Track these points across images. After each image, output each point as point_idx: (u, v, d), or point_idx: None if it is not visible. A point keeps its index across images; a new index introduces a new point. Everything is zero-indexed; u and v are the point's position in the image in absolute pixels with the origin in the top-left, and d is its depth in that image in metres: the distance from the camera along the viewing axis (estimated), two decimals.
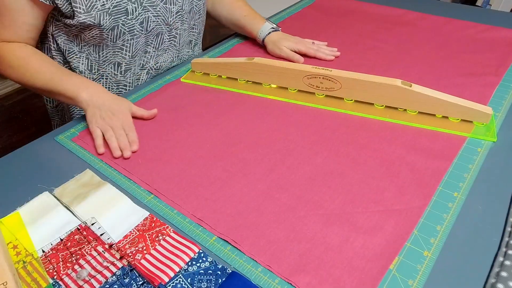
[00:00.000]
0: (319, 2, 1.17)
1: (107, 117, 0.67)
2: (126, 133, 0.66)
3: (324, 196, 0.55)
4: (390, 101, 0.70)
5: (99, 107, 0.67)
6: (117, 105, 0.68)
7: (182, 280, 0.45)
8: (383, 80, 0.68)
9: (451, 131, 0.65)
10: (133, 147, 0.64)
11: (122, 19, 0.73)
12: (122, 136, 0.65)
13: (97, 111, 0.67)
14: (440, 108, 0.67)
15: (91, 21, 0.70)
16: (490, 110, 0.65)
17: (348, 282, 0.44)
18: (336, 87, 0.72)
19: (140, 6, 0.74)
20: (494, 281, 0.43)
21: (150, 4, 0.75)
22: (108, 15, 0.71)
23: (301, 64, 0.75)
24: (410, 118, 0.68)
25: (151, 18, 0.77)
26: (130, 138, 0.65)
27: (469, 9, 1.10)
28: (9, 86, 2.18)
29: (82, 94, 0.68)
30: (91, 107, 0.68)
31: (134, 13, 0.74)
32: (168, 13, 0.79)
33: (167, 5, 0.78)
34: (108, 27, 0.72)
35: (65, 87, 0.69)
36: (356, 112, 0.70)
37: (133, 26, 0.75)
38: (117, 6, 0.71)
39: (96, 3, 0.69)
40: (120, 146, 0.64)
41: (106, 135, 0.65)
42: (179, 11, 0.81)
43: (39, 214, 0.53)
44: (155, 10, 0.77)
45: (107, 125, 0.66)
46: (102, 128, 0.66)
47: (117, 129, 0.66)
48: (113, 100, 0.69)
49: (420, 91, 0.66)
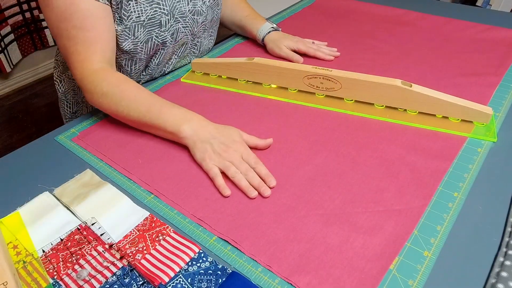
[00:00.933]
0: (319, 2, 1.17)
1: (222, 151, 0.58)
2: (253, 167, 0.57)
3: (324, 196, 0.55)
4: (390, 101, 0.70)
5: (208, 141, 0.59)
6: (228, 135, 0.60)
7: (182, 280, 0.45)
8: (383, 80, 0.68)
9: (451, 131, 0.65)
10: (271, 182, 0.56)
11: (155, 31, 0.72)
12: (250, 172, 0.56)
13: (208, 146, 0.59)
14: (440, 108, 0.67)
15: (126, 32, 0.69)
16: (490, 110, 0.65)
17: (348, 282, 0.44)
18: (336, 87, 0.72)
19: (172, 18, 0.74)
20: (494, 281, 0.43)
21: (180, 15, 0.75)
22: (142, 27, 0.70)
23: (301, 64, 0.75)
24: (410, 118, 0.68)
25: (180, 29, 0.77)
26: (262, 172, 0.57)
27: (469, 9, 1.10)
28: (9, 86, 2.18)
29: (185, 129, 0.60)
30: (198, 143, 0.59)
31: (167, 25, 0.73)
32: (195, 24, 0.80)
33: (195, 16, 0.78)
34: (142, 40, 0.72)
35: (164, 120, 0.61)
36: (356, 112, 0.70)
37: (165, 38, 0.75)
38: (152, 19, 0.71)
39: (132, 15, 0.68)
40: (254, 185, 0.55)
41: (229, 173, 0.56)
42: (204, 21, 0.82)
43: (39, 214, 0.53)
44: (184, 21, 0.77)
45: (225, 161, 0.57)
46: (220, 166, 0.57)
47: (240, 164, 0.57)
48: (222, 131, 0.60)
49: (420, 91, 0.66)
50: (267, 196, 0.54)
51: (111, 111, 0.66)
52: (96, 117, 0.72)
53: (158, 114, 0.62)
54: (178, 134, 0.61)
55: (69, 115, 0.92)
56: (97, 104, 0.67)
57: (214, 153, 0.58)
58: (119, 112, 0.65)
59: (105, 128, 0.69)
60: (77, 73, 0.67)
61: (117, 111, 0.65)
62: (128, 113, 0.64)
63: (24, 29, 2.10)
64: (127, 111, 0.64)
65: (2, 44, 2.01)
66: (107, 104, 0.65)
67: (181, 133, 0.60)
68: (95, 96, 0.66)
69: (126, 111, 0.64)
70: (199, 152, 0.59)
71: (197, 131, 0.60)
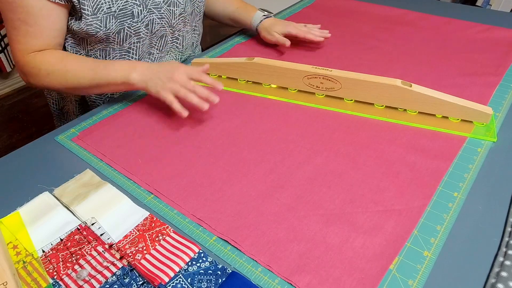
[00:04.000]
0: (319, 2, 1.17)
1: (168, 80, 0.66)
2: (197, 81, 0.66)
3: (324, 196, 0.55)
4: (390, 101, 0.70)
5: (155, 76, 0.67)
6: (169, 66, 0.67)
7: (182, 280, 0.45)
8: (383, 80, 0.68)
9: (451, 131, 0.65)
10: (218, 86, 0.65)
11: (128, 22, 0.73)
12: (197, 87, 0.65)
13: (157, 80, 0.66)
14: (440, 108, 0.67)
15: (98, 25, 0.70)
16: (490, 110, 0.65)
17: (348, 282, 0.44)
18: (336, 87, 0.72)
19: (145, 8, 0.74)
20: (494, 281, 0.43)
21: (154, 6, 0.75)
22: (114, 18, 0.71)
23: (301, 64, 0.75)
24: (410, 118, 0.68)
25: (155, 20, 0.77)
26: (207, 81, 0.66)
27: (469, 9, 1.10)
28: (9, 86, 2.18)
29: (134, 76, 0.67)
30: (148, 82, 0.67)
31: (140, 16, 0.74)
32: (172, 15, 0.80)
33: (170, 7, 0.78)
34: (114, 31, 0.72)
35: (113, 76, 0.68)
36: (356, 112, 0.70)
37: (139, 29, 0.75)
38: (123, 10, 0.71)
39: (102, 6, 0.69)
40: (202, 97, 0.64)
41: (180, 94, 0.65)
42: (182, 13, 0.82)
43: (39, 214, 0.53)
44: (159, 12, 0.77)
45: (175, 85, 0.65)
46: (172, 91, 0.65)
47: (187, 83, 0.65)
48: (164, 65, 0.68)
49: (420, 91, 0.66)
50: (216, 101, 0.65)
51: (60, 86, 0.71)
52: (96, 117, 0.72)
53: (105, 73, 0.68)
54: (128, 82, 0.68)
55: (57, 112, 0.92)
56: (45, 84, 0.71)
57: (163, 83, 0.66)
58: (68, 84, 0.70)
59: (105, 128, 0.69)
60: (18, 61, 0.72)
61: (66, 84, 0.70)
62: (78, 82, 0.69)
63: None
64: (76, 80, 0.69)
65: (2, 44, 2.01)
66: (56, 81, 0.70)
67: (131, 81, 0.67)
68: (41, 78, 0.71)
69: (76, 80, 0.69)
70: (152, 88, 0.67)
71: (144, 73, 0.67)
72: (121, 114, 0.73)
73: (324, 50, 0.91)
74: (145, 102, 0.76)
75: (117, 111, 0.74)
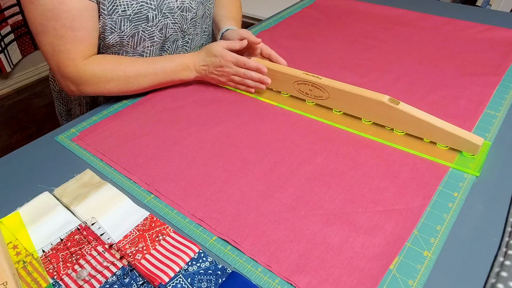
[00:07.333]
0: (319, 2, 1.17)
1: (220, 74, 0.74)
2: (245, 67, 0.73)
3: (324, 196, 0.55)
4: (376, 118, 0.66)
5: (208, 71, 0.75)
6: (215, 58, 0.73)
7: (182, 280, 0.45)
8: (369, 94, 0.64)
9: (435, 159, 0.59)
10: (263, 69, 0.72)
11: (142, 26, 0.73)
12: (248, 72, 0.73)
13: (212, 75, 0.75)
14: (426, 131, 0.61)
15: (112, 26, 0.70)
16: (481, 140, 0.58)
17: (348, 282, 0.44)
18: (324, 96, 0.70)
19: (160, 13, 0.74)
20: (494, 281, 0.43)
21: (169, 11, 0.75)
22: (128, 22, 0.71)
23: (293, 69, 0.73)
24: (395, 138, 0.64)
25: (169, 25, 0.77)
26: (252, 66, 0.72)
27: (469, 9, 1.10)
28: (9, 86, 2.18)
29: (187, 74, 0.75)
30: (204, 77, 0.76)
31: (154, 20, 0.74)
32: (184, 21, 0.79)
33: (183, 13, 0.78)
34: (128, 34, 0.72)
35: (171, 76, 0.75)
36: (342, 126, 0.67)
37: (153, 33, 0.75)
38: (138, 13, 0.71)
39: (118, 8, 0.69)
40: (255, 79, 0.73)
41: (237, 82, 0.74)
42: (193, 17, 0.81)
43: (39, 214, 0.53)
44: (173, 17, 0.77)
45: (228, 76, 0.74)
46: (229, 80, 0.74)
47: (238, 72, 0.73)
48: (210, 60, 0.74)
49: (407, 111, 0.61)
50: (269, 82, 0.73)
51: (119, 91, 0.73)
52: (96, 117, 0.73)
53: (164, 75, 0.74)
54: (186, 79, 0.77)
55: (64, 113, 0.92)
56: (103, 91, 0.72)
57: (219, 76, 0.75)
58: (128, 88, 0.73)
59: (105, 128, 0.69)
60: (71, 71, 0.69)
61: (126, 88, 0.73)
62: (139, 85, 0.73)
63: (24, 29, 2.10)
64: (138, 84, 0.73)
65: (2, 44, 2.01)
66: (116, 87, 0.72)
67: (187, 78, 0.76)
68: (100, 85, 0.71)
69: (137, 84, 0.73)
70: (212, 81, 0.77)
71: (196, 70, 0.76)
72: (121, 114, 0.73)
73: (324, 50, 0.91)
74: (145, 102, 0.76)
75: (117, 111, 0.74)
